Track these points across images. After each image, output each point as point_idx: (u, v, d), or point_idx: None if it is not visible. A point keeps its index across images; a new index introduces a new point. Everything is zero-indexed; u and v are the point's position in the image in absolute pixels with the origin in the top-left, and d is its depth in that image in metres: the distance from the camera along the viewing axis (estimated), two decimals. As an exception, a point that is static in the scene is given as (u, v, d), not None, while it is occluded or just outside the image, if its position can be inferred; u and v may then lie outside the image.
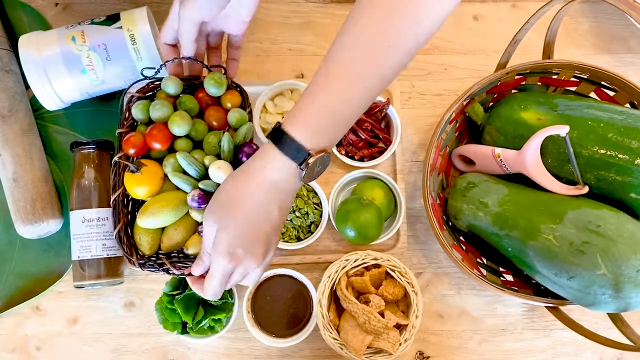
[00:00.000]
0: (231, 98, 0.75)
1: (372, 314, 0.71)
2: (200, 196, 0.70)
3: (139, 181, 0.71)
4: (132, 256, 0.72)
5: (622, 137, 0.67)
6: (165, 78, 0.74)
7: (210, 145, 0.73)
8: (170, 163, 0.73)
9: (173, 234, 0.73)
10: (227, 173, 0.68)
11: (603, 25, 0.90)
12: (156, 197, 0.72)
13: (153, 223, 0.72)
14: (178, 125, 0.72)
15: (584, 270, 0.63)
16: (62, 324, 0.81)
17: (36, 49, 0.74)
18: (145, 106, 0.74)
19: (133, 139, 0.72)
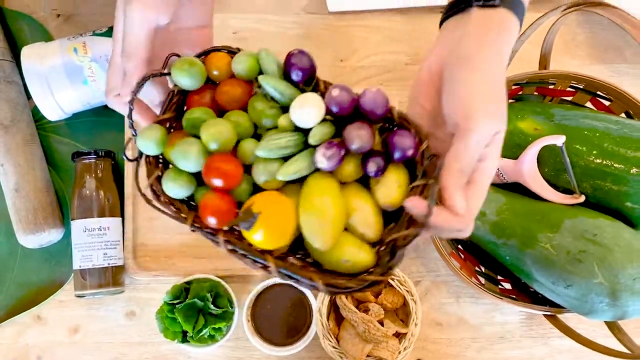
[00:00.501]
0: (216, 62, 0.54)
1: (372, 322, 0.72)
2: (333, 146, 0.48)
3: (257, 228, 0.48)
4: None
5: (618, 147, 0.68)
6: (138, 135, 0.51)
7: (257, 110, 0.52)
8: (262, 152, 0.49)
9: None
10: (318, 107, 0.49)
11: (598, 36, 0.91)
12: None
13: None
14: (224, 138, 0.49)
15: (581, 278, 0.63)
16: (63, 333, 0.82)
17: (38, 61, 0.75)
18: (176, 173, 0.50)
19: (210, 202, 0.48)
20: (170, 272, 0.81)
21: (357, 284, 0.47)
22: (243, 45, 0.88)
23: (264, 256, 0.48)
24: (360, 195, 0.51)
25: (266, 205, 0.48)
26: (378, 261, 0.49)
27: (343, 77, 0.88)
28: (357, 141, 0.48)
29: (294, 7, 0.90)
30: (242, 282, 0.82)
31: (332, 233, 0.48)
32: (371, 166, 0.49)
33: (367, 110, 0.49)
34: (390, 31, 0.90)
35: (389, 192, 0.50)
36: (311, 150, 0.50)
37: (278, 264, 0.48)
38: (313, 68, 0.52)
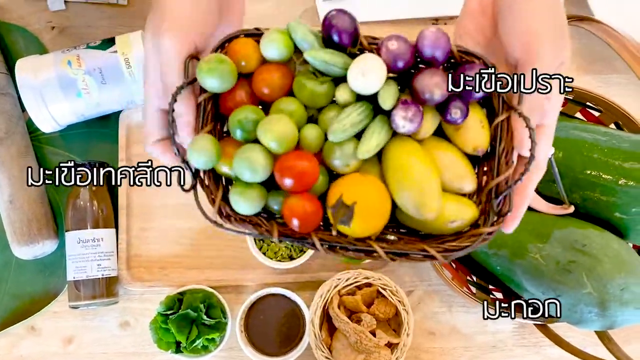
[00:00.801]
0: (241, 49, 0.48)
1: (364, 333, 0.72)
2: (411, 105, 0.44)
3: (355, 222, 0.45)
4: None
5: (607, 158, 0.69)
6: (191, 154, 0.45)
7: (310, 92, 0.47)
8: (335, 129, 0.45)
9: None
10: (380, 72, 0.44)
11: (588, 47, 0.92)
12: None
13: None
14: (287, 136, 0.45)
15: (570, 288, 0.64)
16: (57, 344, 0.82)
17: (33, 73, 0.76)
18: (244, 190, 0.46)
19: (295, 208, 0.45)
20: (164, 282, 0.82)
21: (470, 242, 0.45)
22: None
23: (367, 244, 0.45)
24: (443, 147, 0.47)
25: (356, 191, 0.44)
26: (484, 212, 0.46)
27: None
28: (435, 91, 0.44)
29: (286, 19, 0.90)
30: (235, 292, 0.83)
31: (438, 198, 0.44)
32: (455, 113, 0.45)
33: (429, 57, 0.45)
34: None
35: (476, 135, 0.46)
36: (383, 117, 0.46)
37: (384, 247, 0.45)
38: (357, 28, 0.47)
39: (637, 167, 0.67)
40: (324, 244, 0.45)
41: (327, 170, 0.48)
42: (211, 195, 0.46)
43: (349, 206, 0.43)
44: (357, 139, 0.46)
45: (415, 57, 0.46)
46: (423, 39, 0.44)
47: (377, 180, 0.46)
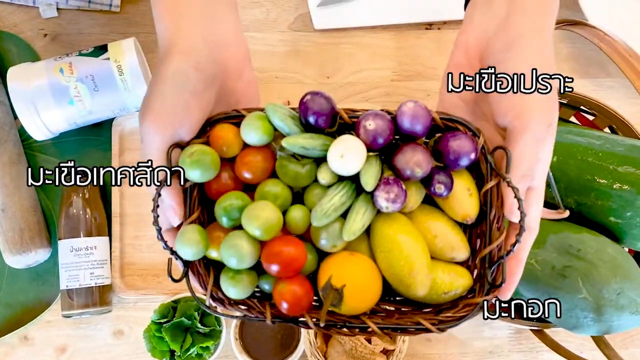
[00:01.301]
0: (222, 134, 0.48)
1: (359, 340, 0.72)
2: (394, 182, 0.44)
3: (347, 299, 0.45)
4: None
5: (601, 162, 0.69)
6: (179, 247, 0.46)
7: (287, 171, 0.47)
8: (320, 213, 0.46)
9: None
10: (360, 154, 0.44)
11: (582, 51, 0.92)
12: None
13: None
14: (271, 223, 0.45)
15: (565, 293, 0.64)
16: (50, 353, 0.81)
17: (24, 81, 0.75)
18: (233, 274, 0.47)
19: (285, 293, 0.45)
20: (157, 290, 0.81)
21: (466, 312, 0.45)
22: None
23: (361, 321, 0.45)
24: (433, 217, 0.47)
25: (345, 273, 0.45)
26: (478, 279, 0.46)
27: (329, 94, 0.88)
28: (416, 169, 0.44)
29: (280, 25, 0.91)
30: (230, 299, 0.82)
31: (427, 275, 0.45)
32: (439, 188, 0.45)
33: (410, 130, 0.44)
34: (376, 48, 0.90)
35: (464, 205, 0.46)
36: (367, 196, 0.46)
37: (376, 322, 0.45)
38: (334, 109, 0.47)
39: (632, 171, 0.67)
40: (320, 325, 0.45)
41: (315, 248, 0.48)
42: (202, 282, 0.47)
43: (338, 289, 0.44)
44: (344, 218, 0.47)
45: (394, 131, 0.46)
46: (402, 114, 0.44)
47: (366, 259, 0.46)
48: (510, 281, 0.46)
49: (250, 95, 0.54)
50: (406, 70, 0.90)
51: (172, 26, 0.49)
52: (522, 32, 0.46)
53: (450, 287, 0.46)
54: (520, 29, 0.47)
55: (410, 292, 0.45)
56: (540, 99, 0.45)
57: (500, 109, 0.46)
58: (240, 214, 0.45)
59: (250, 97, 0.54)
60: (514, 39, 0.46)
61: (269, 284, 0.48)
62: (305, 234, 0.48)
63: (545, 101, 0.45)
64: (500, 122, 0.47)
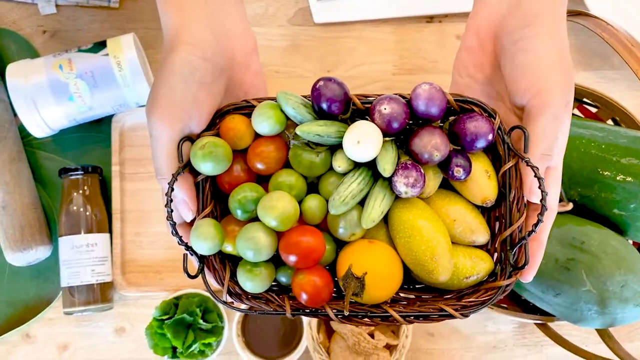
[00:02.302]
0: (234, 126, 0.48)
1: (362, 335, 0.71)
2: (413, 168, 0.44)
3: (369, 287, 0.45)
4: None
5: (604, 154, 0.68)
6: (195, 242, 0.45)
7: (300, 160, 0.47)
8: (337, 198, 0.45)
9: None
10: (376, 141, 0.44)
11: (585, 43, 0.91)
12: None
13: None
14: (288, 214, 0.44)
15: (569, 287, 0.63)
16: (52, 351, 0.81)
17: (24, 78, 0.75)
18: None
19: (305, 285, 0.45)
20: (159, 287, 0.81)
21: (489, 297, 0.44)
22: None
23: (383, 310, 0.45)
24: (452, 201, 0.47)
25: (365, 261, 0.44)
26: (499, 262, 0.46)
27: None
28: (434, 152, 0.43)
29: (279, 19, 0.90)
30: (232, 296, 0.82)
31: (449, 260, 0.44)
32: (457, 171, 0.44)
33: (426, 113, 0.44)
34: (376, 41, 0.90)
35: (483, 187, 0.46)
36: (385, 182, 0.45)
37: (398, 310, 0.44)
38: (347, 95, 0.45)
39: (635, 162, 0.67)
40: (339, 315, 0.44)
41: (333, 238, 0.47)
42: (219, 277, 0.46)
43: (359, 278, 0.43)
44: (361, 205, 0.46)
45: (410, 114, 0.45)
46: (417, 97, 0.44)
47: (386, 246, 0.46)
48: (533, 262, 0.45)
49: (258, 87, 0.54)
50: (407, 64, 0.89)
51: (177, 18, 0.48)
52: (537, 11, 0.46)
53: (472, 271, 0.45)
54: (536, 9, 0.46)
55: (433, 277, 0.44)
56: (559, 76, 0.45)
57: (518, 87, 0.46)
58: (255, 206, 0.45)
59: (258, 89, 0.54)
60: (529, 17, 0.46)
61: (286, 276, 0.47)
62: (322, 223, 0.47)
63: (563, 79, 0.45)
64: (519, 101, 0.46)
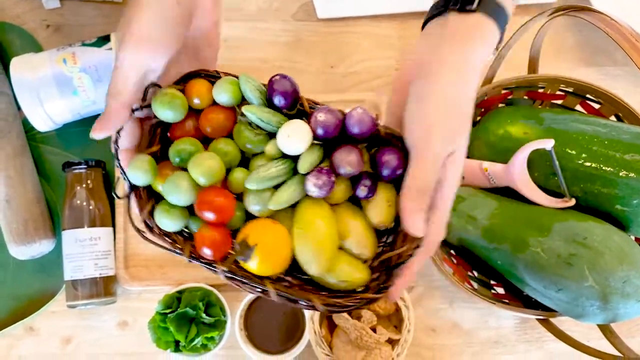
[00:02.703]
0: (197, 89, 0.53)
1: (364, 329, 0.72)
2: (324, 173, 0.49)
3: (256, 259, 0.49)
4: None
5: (607, 150, 0.68)
6: (128, 169, 0.50)
7: (242, 135, 0.52)
8: (253, 183, 0.50)
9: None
10: (306, 135, 0.49)
11: (588, 39, 0.91)
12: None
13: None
14: (213, 173, 0.49)
15: (571, 282, 0.63)
16: (55, 344, 0.81)
17: (28, 72, 0.75)
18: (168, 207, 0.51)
19: (207, 235, 0.49)
20: (162, 281, 0.81)
21: (354, 303, 0.49)
22: (233, 54, 0.89)
23: (262, 282, 0.49)
24: (352, 215, 0.52)
25: (261, 235, 0.49)
26: (375, 279, 0.51)
27: (333, 84, 0.88)
28: (347, 167, 0.49)
29: (283, 15, 0.90)
30: (234, 290, 0.82)
31: (326, 258, 0.49)
32: (361, 190, 0.50)
33: (353, 133, 0.50)
34: (380, 37, 0.90)
35: (380, 211, 0.51)
36: (301, 177, 0.50)
37: (276, 287, 0.49)
38: (296, 92, 0.51)
39: (638, 158, 0.66)
40: (226, 273, 0.49)
41: (245, 211, 0.52)
42: (141, 207, 0.51)
43: (250, 246, 0.48)
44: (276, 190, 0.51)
45: (341, 130, 0.50)
46: (349, 117, 0.49)
47: (284, 230, 0.50)
48: (398, 286, 0.49)
49: (211, 58, 0.59)
50: (410, 60, 0.89)
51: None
52: (445, 60, 0.49)
53: (348, 277, 0.50)
54: (445, 57, 0.49)
55: (307, 267, 0.49)
56: (444, 125, 0.48)
57: (409, 130, 0.49)
58: (189, 158, 0.50)
59: (210, 60, 0.59)
60: (435, 65, 0.49)
61: (196, 226, 0.51)
62: (241, 196, 0.52)
63: (449, 128, 0.48)
64: (408, 141, 0.50)
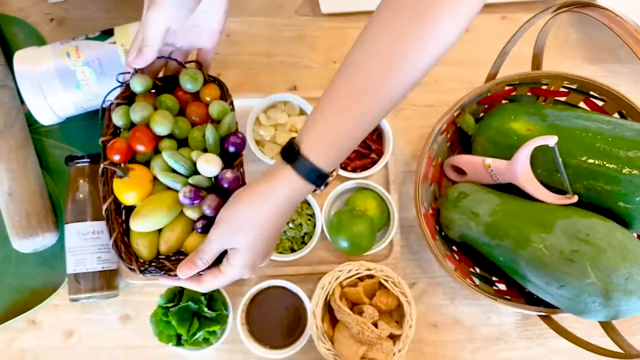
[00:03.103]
0: (210, 92, 0.74)
1: (366, 324, 0.72)
2: (192, 192, 0.68)
3: (127, 186, 0.68)
4: (131, 263, 0.68)
5: (610, 147, 0.68)
6: (133, 77, 0.71)
7: (196, 140, 0.71)
8: (157, 164, 0.70)
9: (169, 235, 0.70)
10: (216, 165, 0.68)
11: (592, 36, 0.91)
12: (147, 200, 0.69)
13: (146, 226, 0.69)
14: (160, 124, 0.69)
15: (573, 278, 0.63)
16: (57, 337, 0.81)
17: (31, 65, 0.75)
18: (125, 111, 0.71)
19: (117, 144, 0.69)
20: (164, 275, 0.81)
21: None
22: (236, 48, 0.89)
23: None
24: (186, 228, 0.71)
25: (138, 169, 0.69)
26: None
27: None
28: (208, 207, 0.67)
29: (286, 9, 0.90)
30: (236, 285, 0.82)
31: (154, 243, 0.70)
32: (199, 223, 0.69)
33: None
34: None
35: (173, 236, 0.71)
36: (186, 182, 0.69)
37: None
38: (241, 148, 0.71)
39: (641, 155, 0.67)
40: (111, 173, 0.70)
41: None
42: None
43: (129, 169, 0.68)
44: (179, 173, 0.70)
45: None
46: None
47: (150, 185, 0.70)
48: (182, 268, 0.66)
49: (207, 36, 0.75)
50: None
51: None
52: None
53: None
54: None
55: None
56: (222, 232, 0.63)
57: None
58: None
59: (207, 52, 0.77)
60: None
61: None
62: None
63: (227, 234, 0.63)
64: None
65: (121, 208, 0.72)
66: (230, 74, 0.88)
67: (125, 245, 0.70)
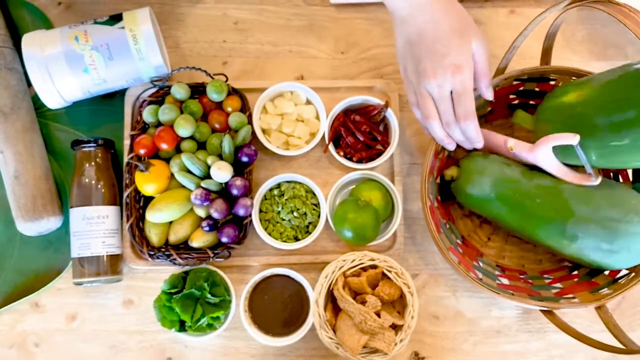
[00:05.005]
0: (232, 103, 0.82)
1: (369, 314, 0.72)
2: (203, 195, 0.76)
3: (148, 179, 0.78)
4: (143, 247, 0.78)
5: None
6: (175, 85, 0.80)
7: (213, 146, 0.79)
8: (176, 163, 0.79)
9: (179, 228, 0.79)
10: (228, 173, 0.77)
11: (600, 33, 0.91)
12: (164, 194, 0.78)
13: (160, 217, 0.78)
14: (183, 127, 0.78)
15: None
16: (60, 320, 0.82)
17: (39, 48, 0.75)
18: (155, 110, 0.80)
19: (143, 140, 0.79)
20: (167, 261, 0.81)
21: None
22: (243, 36, 0.89)
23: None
24: (194, 221, 0.80)
25: (158, 165, 0.78)
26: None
27: (343, 70, 0.88)
28: (215, 211, 0.76)
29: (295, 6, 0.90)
30: (240, 272, 0.83)
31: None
32: (205, 224, 0.77)
33: (231, 192, 0.78)
34: (391, 24, 0.89)
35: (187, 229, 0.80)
36: (199, 183, 0.78)
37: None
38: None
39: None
40: (136, 164, 0.79)
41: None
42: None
43: (150, 164, 0.78)
44: (194, 174, 0.79)
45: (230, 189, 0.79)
46: (231, 185, 0.77)
47: (166, 182, 0.79)
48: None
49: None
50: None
51: None
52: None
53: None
54: None
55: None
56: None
57: None
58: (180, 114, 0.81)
59: None
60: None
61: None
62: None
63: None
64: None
65: (140, 196, 0.81)
66: (237, 62, 0.88)
67: (139, 230, 0.79)
